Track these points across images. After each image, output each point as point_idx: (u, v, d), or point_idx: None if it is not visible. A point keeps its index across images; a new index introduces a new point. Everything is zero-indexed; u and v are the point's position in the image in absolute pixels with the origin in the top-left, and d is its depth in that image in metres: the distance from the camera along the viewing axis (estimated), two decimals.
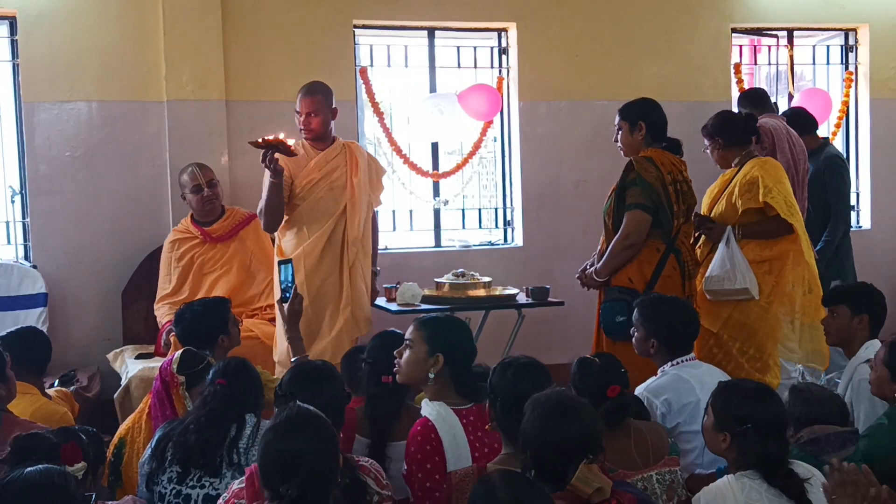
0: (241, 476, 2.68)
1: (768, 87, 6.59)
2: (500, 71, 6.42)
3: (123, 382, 4.76)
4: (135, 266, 5.54)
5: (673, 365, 3.59)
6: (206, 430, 2.99)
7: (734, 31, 6.73)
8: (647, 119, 4.41)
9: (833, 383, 4.32)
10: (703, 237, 4.64)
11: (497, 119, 6.40)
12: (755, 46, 6.99)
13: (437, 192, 6.42)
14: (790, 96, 6.90)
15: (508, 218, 6.52)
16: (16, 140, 5.65)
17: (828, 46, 7.12)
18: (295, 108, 4.72)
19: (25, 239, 5.67)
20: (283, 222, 4.68)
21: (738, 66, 6.79)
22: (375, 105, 6.12)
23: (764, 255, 4.46)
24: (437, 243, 6.42)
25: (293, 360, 3.68)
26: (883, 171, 6.95)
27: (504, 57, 6.43)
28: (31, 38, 5.49)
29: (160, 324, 5.09)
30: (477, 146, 6.37)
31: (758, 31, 6.86)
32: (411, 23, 6.21)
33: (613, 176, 4.53)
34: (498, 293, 5.17)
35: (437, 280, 5.21)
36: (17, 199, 5.64)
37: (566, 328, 6.04)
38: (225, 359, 3.46)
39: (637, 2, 6.49)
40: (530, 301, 5.18)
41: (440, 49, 6.38)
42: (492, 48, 6.46)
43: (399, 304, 5.05)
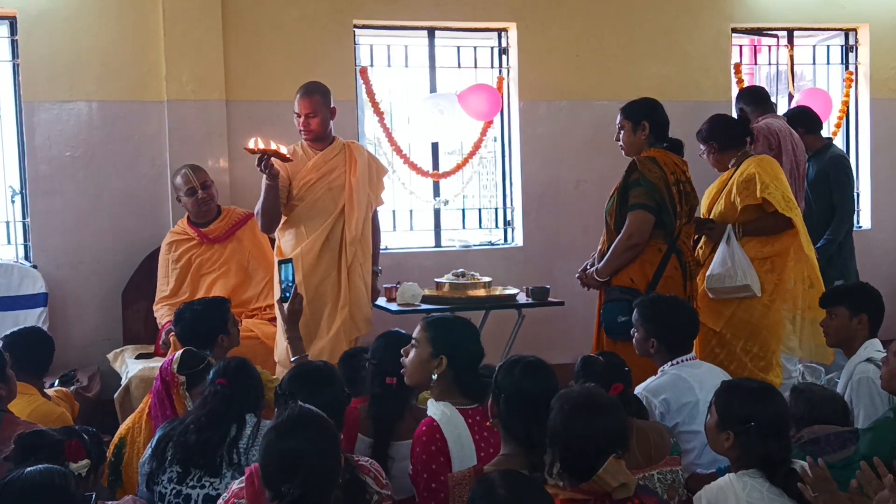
0: (241, 476, 2.67)
1: (768, 87, 6.57)
2: (500, 71, 6.42)
3: (123, 382, 4.76)
4: (135, 266, 5.53)
5: (673, 365, 3.59)
6: (206, 429, 2.99)
7: (734, 31, 6.73)
8: (651, 119, 4.41)
9: (833, 383, 4.31)
10: (703, 238, 4.64)
11: (497, 119, 6.40)
12: (755, 46, 6.99)
13: (437, 192, 6.42)
14: (790, 96, 6.90)
15: (508, 218, 6.52)
16: (16, 140, 5.64)
17: (828, 46, 7.12)
18: (294, 110, 4.70)
19: (26, 239, 5.66)
20: (281, 223, 4.68)
21: (738, 66, 6.79)
22: (375, 105, 6.11)
23: (765, 251, 4.47)
24: (438, 243, 6.42)
25: (293, 360, 3.68)
26: (883, 171, 6.94)
27: (504, 57, 6.43)
28: (31, 38, 5.49)
29: (160, 325, 5.09)
30: (477, 146, 6.37)
31: (758, 31, 6.85)
32: (411, 23, 6.21)
33: (613, 176, 4.53)
34: (498, 293, 5.17)
35: (437, 280, 5.21)
36: (18, 199, 5.63)
37: (566, 328, 6.04)
38: (225, 359, 3.46)
39: (637, 2, 6.49)
40: (530, 301, 5.18)
41: (440, 49, 6.38)
42: (492, 48, 6.46)
43: (399, 304, 5.05)
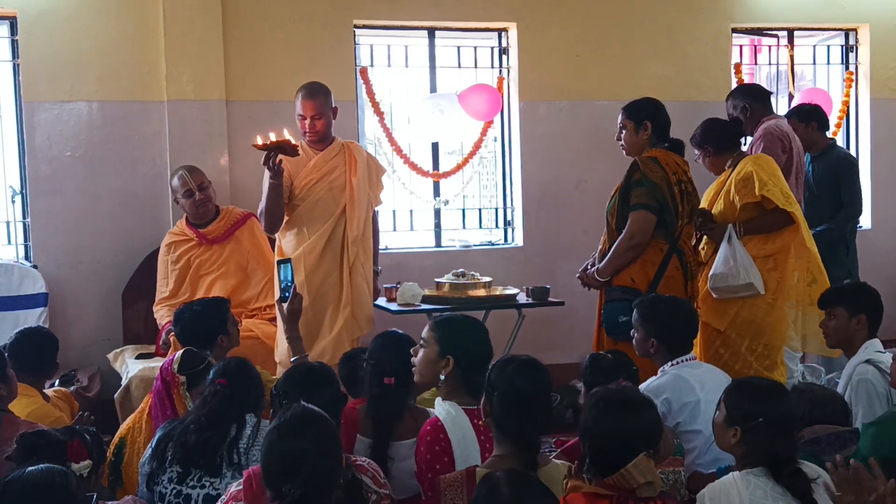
0: (241, 476, 2.67)
1: (768, 87, 6.57)
2: (500, 71, 6.42)
3: (124, 382, 4.76)
4: (135, 266, 5.53)
5: (673, 365, 3.59)
6: (206, 429, 2.99)
7: (734, 31, 6.73)
8: (654, 119, 4.41)
9: (833, 383, 4.32)
10: (705, 238, 4.64)
11: (497, 119, 6.40)
12: (755, 46, 6.99)
13: (437, 192, 6.42)
14: (790, 96, 6.90)
15: (508, 218, 6.52)
16: (16, 140, 5.64)
17: (828, 46, 7.12)
18: (297, 112, 4.67)
19: (26, 239, 5.66)
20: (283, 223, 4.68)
21: (738, 66, 6.79)
22: (376, 105, 6.11)
23: (767, 249, 4.45)
24: (438, 243, 6.42)
25: (293, 359, 3.68)
26: (883, 171, 6.94)
27: (504, 57, 6.43)
28: (31, 38, 5.49)
29: (160, 325, 5.08)
30: (477, 146, 6.37)
31: (758, 31, 6.85)
32: (411, 23, 6.21)
33: (614, 176, 4.53)
34: (498, 293, 5.17)
35: (437, 280, 5.21)
36: (18, 199, 5.63)
37: (566, 328, 6.05)
38: (225, 359, 3.46)
39: (637, 2, 6.48)
40: (530, 301, 5.18)
41: (440, 49, 6.38)
42: (492, 48, 6.46)
43: (399, 304, 5.05)
